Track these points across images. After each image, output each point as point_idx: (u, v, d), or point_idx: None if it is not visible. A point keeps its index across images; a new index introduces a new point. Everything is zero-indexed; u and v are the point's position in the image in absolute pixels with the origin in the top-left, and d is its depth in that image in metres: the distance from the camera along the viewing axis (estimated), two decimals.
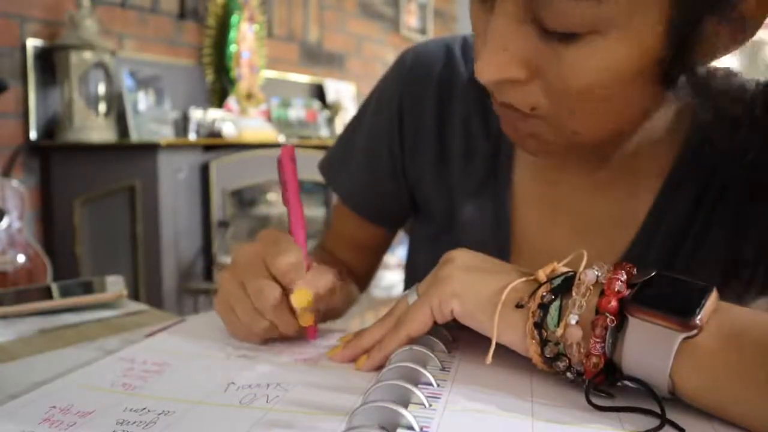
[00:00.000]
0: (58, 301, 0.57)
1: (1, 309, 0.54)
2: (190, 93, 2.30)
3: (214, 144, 1.98)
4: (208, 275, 1.95)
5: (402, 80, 0.61)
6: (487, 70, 0.39)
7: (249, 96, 2.40)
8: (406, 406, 0.31)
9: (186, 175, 1.84)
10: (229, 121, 2.15)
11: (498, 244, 0.56)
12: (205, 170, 1.90)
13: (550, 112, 0.41)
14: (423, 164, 0.60)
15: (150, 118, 2.00)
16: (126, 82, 1.95)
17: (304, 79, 2.86)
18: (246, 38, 2.41)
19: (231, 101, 2.34)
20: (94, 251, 1.86)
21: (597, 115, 0.41)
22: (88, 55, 1.82)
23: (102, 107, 1.88)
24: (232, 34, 2.35)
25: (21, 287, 0.64)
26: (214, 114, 2.20)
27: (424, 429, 0.29)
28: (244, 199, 2.21)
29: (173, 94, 2.15)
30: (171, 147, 1.79)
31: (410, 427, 0.29)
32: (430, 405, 0.32)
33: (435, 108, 0.59)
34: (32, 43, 1.82)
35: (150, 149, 1.74)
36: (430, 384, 0.34)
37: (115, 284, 0.61)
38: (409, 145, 0.61)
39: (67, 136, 1.82)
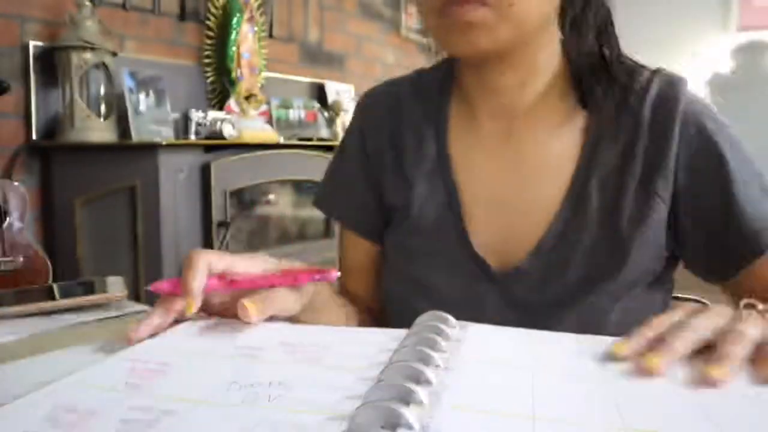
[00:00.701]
0: (59, 302, 0.57)
1: (1, 309, 0.55)
2: (191, 94, 2.30)
3: (215, 144, 1.99)
4: None
5: (361, 112, 0.74)
6: None
7: (249, 97, 2.40)
8: (407, 405, 0.31)
9: (186, 176, 1.84)
10: (230, 121, 2.16)
11: (453, 213, 0.65)
12: (205, 171, 1.90)
13: None
14: (384, 169, 0.70)
15: (150, 118, 2.01)
16: (127, 82, 1.95)
17: (304, 79, 2.87)
18: (246, 39, 2.41)
19: (231, 102, 2.34)
20: (95, 251, 1.87)
21: None
22: (88, 55, 1.82)
23: (103, 108, 1.89)
24: (233, 35, 2.35)
25: (22, 288, 0.64)
26: (214, 115, 2.20)
27: (425, 428, 0.29)
28: (244, 200, 2.21)
29: (174, 94, 2.15)
30: (171, 147, 1.79)
31: (411, 427, 0.29)
32: (432, 404, 0.32)
33: (389, 125, 0.71)
34: (33, 44, 1.82)
35: (150, 150, 1.75)
36: (431, 383, 0.34)
37: (116, 285, 0.62)
38: (374, 160, 0.71)
39: (67, 137, 1.82)
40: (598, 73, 0.62)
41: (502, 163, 0.64)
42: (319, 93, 2.93)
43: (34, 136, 1.84)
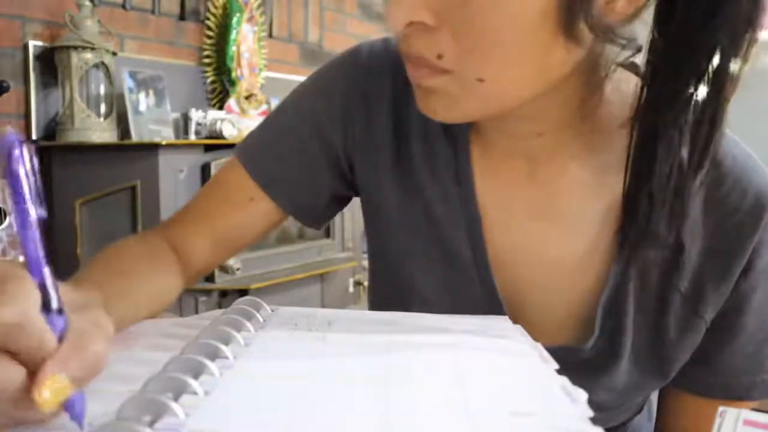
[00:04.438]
0: None
1: None
2: (191, 94, 2.30)
3: (215, 144, 1.99)
4: (208, 275, 1.95)
5: (355, 74, 0.59)
6: (396, 14, 0.42)
7: (249, 96, 2.40)
8: (197, 377, 0.33)
9: (186, 176, 1.84)
10: (230, 121, 2.16)
11: (472, 242, 0.56)
12: (205, 170, 1.90)
13: (456, 61, 0.43)
14: (378, 166, 0.59)
15: (150, 118, 2.01)
16: (127, 82, 1.95)
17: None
18: (246, 39, 2.41)
19: (231, 102, 2.34)
20: (95, 251, 1.86)
21: (501, 60, 0.42)
22: (88, 55, 1.82)
23: (103, 108, 1.89)
24: (233, 35, 2.35)
25: None
26: (214, 114, 2.20)
27: (208, 392, 0.32)
28: None
29: (174, 94, 2.15)
30: (171, 147, 1.79)
31: (195, 393, 0.31)
32: (222, 374, 0.34)
33: (391, 108, 0.58)
34: (33, 44, 1.82)
35: (151, 149, 1.75)
36: (227, 357, 0.37)
37: None
38: (361, 144, 0.59)
39: (67, 137, 1.82)
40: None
41: (526, 208, 0.55)
42: None
43: (34, 136, 1.84)
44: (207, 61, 2.35)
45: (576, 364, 0.52)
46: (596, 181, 0.53)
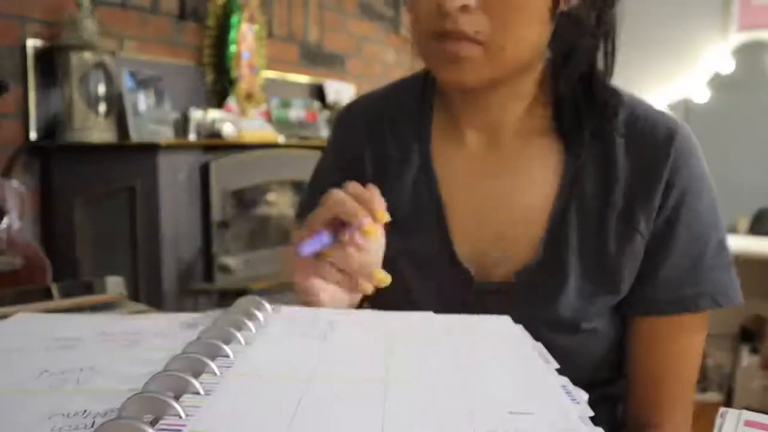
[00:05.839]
0: (58, 302, 0.57)
1: (1, 309, 0.55)
2: (190, 93, 2.30)
3: (214, 144, 1.99)
4: (208, 276, 1.95)
5: (339, 127, 0.77)
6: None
7: (249, 96, 2.40)
8: (198, 376, 0.33)
9: (186, 176, 1.84)
10: (229, 121, 2.16)
11: (438, 221, 0.66)
12: (205, 171, 1.90)
13: (488, 34, 0.56)
14: (364, 180, 0.70)
15: (150, 118, 2.01)
16: (126, 82, 1.95)
17: (304, 79, 2.87)
18: (246, 39, 2.41)
19: (231, 102, 2.34)
20: (94, 251, 1.87)
21: (518, 33, 0.57)
22: (88, 55, 1.82)
23: (102, 108, 1.88)
24: (232, 35, 2.35)
25: (21, 288, 0.64)
26: (214, 114, 2.20)
27: (208, 391, 0.32)
28: (244, 200, 2.21)
29: (173, 94, 2.15)
30: (171, 147, 1.79)
31: (197, 392, 0.32)
32: (222, 373, 0.34)
33: (369, 135, 0.72)
34: (32, 44, 1.82)
35: (150, 150, 1.75)
36: (228, 356, 0.37)
37: (116, 285, 0.62)
38: (352, 173, 0.69)
39: (67, 137, 1.82)
40: (580, 104, 0.63)
41: (486, 173, 0.66)
42: (319, 93, 2.93)
43: (33, 136, 1.84)
44: (207, 60, 2.35)
45: (529, 282, 0.62)
46: (549, 142, 0.65)
